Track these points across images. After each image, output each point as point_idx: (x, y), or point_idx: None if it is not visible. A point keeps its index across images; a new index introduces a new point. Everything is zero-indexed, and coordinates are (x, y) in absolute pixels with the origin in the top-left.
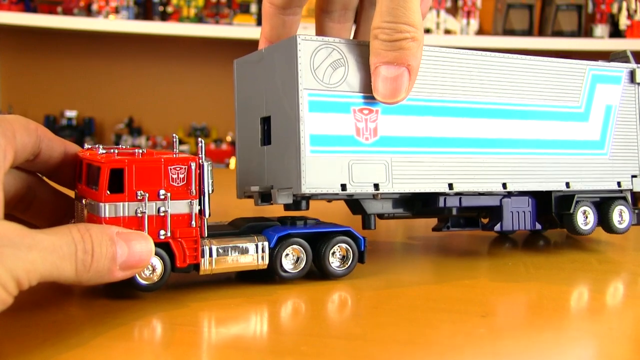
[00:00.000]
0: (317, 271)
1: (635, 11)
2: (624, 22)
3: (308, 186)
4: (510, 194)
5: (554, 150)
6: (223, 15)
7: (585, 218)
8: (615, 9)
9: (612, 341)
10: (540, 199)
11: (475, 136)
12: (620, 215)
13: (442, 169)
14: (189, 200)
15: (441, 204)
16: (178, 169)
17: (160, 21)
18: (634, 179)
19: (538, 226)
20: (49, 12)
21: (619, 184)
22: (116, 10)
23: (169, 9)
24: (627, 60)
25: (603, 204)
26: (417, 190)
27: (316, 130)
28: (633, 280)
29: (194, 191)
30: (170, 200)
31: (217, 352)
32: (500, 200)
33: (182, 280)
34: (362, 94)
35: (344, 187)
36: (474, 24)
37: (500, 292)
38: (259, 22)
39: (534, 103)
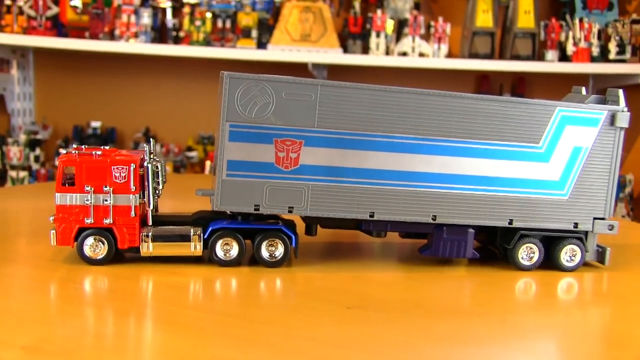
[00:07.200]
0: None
1: (580, 39)
2: (570, 48)
3: (222, 204)
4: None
5: (499, 188)
6: (228, 39)
7: (529, 254)
8: (563, 37)
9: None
10: (485, 228)
11: (403, 169)
12: (572, 255)
13: (363, 198)
14: (130, 195)
15: (368, 227)
16: (120, 168)
17: (174, 44)
18: (596, 221)
19: (476, 255)
20: (78, 36)
21: (575, 224)
22: (136, 35)
23: (181, 34)
24: (617, 101)
25: (553, 241)
26: (336, 216)
27: (235, 157)
28: (579, 276)
29: (133, 187)
30: (113, 194)
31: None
32: (433, 229)
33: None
34: (286, 127)
35: (257, 207)
36: (444, 48)
37: (403, 289)
38: (259, 46)
39: (482, 141)
